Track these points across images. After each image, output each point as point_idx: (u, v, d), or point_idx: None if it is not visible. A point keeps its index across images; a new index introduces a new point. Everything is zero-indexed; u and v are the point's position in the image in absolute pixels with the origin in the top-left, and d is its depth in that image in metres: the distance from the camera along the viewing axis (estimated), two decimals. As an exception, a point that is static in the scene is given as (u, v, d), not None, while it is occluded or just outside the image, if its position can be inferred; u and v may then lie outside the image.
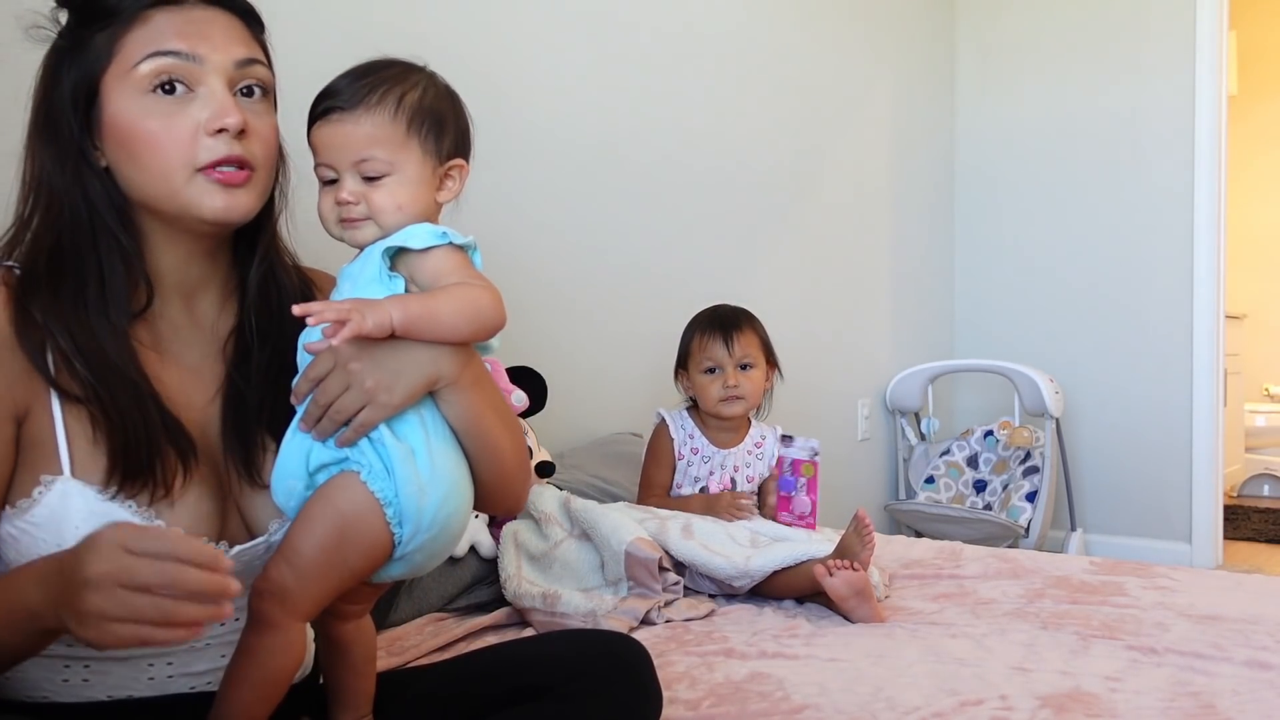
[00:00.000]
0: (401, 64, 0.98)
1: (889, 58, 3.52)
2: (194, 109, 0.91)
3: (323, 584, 0.90)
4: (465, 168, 1.00)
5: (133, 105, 0.90)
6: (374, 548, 0.91)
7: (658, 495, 1.96)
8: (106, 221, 0.92)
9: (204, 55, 0.91)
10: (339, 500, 0.90)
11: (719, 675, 1.34)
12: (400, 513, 0.90)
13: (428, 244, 0.92)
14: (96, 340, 0.89)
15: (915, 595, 1.74)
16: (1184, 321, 3.46)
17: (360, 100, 0.94)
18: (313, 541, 0.89)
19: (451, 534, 0.96)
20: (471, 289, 0.92)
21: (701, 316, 2.05)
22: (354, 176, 0.94)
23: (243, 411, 0.98)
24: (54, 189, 0.92)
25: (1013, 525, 3.14)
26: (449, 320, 0.90)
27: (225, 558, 0.75)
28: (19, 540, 0.87)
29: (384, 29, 1.89)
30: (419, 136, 0.95)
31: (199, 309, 1.00)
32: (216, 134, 0.90)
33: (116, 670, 0.93)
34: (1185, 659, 1.37)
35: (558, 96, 2.27)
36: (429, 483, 0.91)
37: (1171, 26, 3.45)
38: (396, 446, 0.90)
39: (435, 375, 0.92)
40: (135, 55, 0.90)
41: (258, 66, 0.96)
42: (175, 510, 0.90)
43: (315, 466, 0.91)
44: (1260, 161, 5.38)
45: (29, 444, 0.88)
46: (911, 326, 3.67)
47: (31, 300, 0.88)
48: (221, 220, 0.93)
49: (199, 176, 0.91)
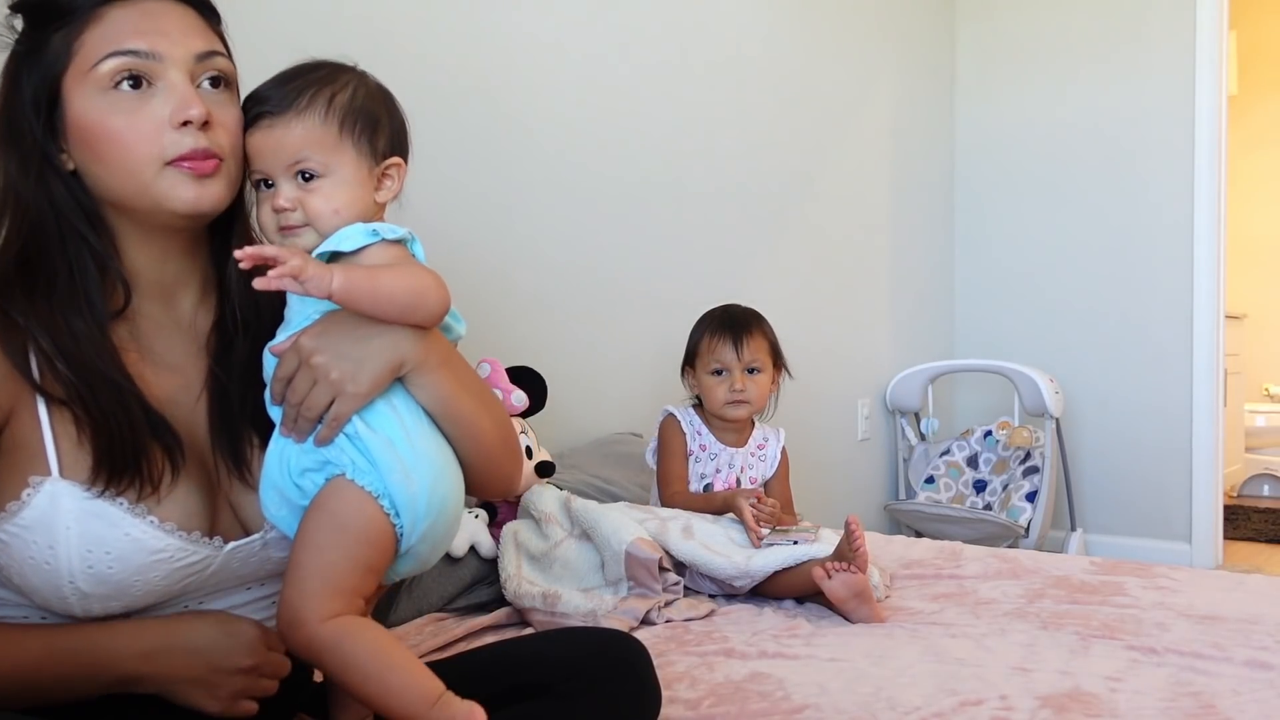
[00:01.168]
0: (330, 65, 0.97)
1: (889, 58, 3.52)
2: (156, 104, 0.90)
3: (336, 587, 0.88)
4: (403, 166, 0.99)
5: (95, 104, 0.90)
6: (379, 538, 0.91)
7: (680, 488, 1.94)
8: (75, 225, 0.92)
9: (163, 51, 0.90)
10: (333, 505, 0.90)
11: (719, 675, 1.34)
12: (394, 503, 0.90)
13: (359, 244, 0.92)
14: (76, 340, 0.89)
15: (915, 595, 1.74)
16: (1184, 321, 3.46)
17: (290, 104, 0.93)
18: (317, 553, 0.89)
19: (449, 519, 0.96)
20: (414, 268, 0.93)
21: (712, 316, 2.03)
22: (289, 182, 0.93)
23: (228, 407, 0.98)
24: (20, 195, 0.91)
25: (1013, 525, 3.14)
26: (388, 292, 0.89)
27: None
28: (9, 545, 0.86)
29: (381, 35, 1.89)
30: (352, 137, 0.94)
31: (179, 307, 1.00)
32: (182, 127, 0.90)
33: None
34: (1185, 659, 1.37)
35: (557, 97, 2.27)
36: (413, 468, 0.91)
37: (1171, 26, 3.45)
38: (373, 438, 0.90)
39: (399, 359, 0.92)
40: (94, 55, 0.89)
41: (217, 58, 0.95)
42: (164, 506, 0.90)
43: (298, 472, 0.91)
44: (1260, 161, 5.37)
45: (15, 447, 0.87)
46: (911, 326, 3.67)
47: (9, 304, 0.88)
48: (193, 211, 0.92)
49: (168, 169, 0.90)
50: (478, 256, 2.06)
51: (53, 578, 0.86)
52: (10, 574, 0.88)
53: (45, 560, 0.86)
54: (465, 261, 1.97)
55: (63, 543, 0.85)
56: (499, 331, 2.01)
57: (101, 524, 0.86)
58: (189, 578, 0.92)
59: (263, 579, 1.00)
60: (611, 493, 2.03)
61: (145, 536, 0.88)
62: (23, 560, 0.86)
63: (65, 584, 0.86)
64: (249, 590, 0.99)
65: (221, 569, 0.94)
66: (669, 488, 1.95)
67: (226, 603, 0.98)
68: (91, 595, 0.87)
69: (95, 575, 0.86)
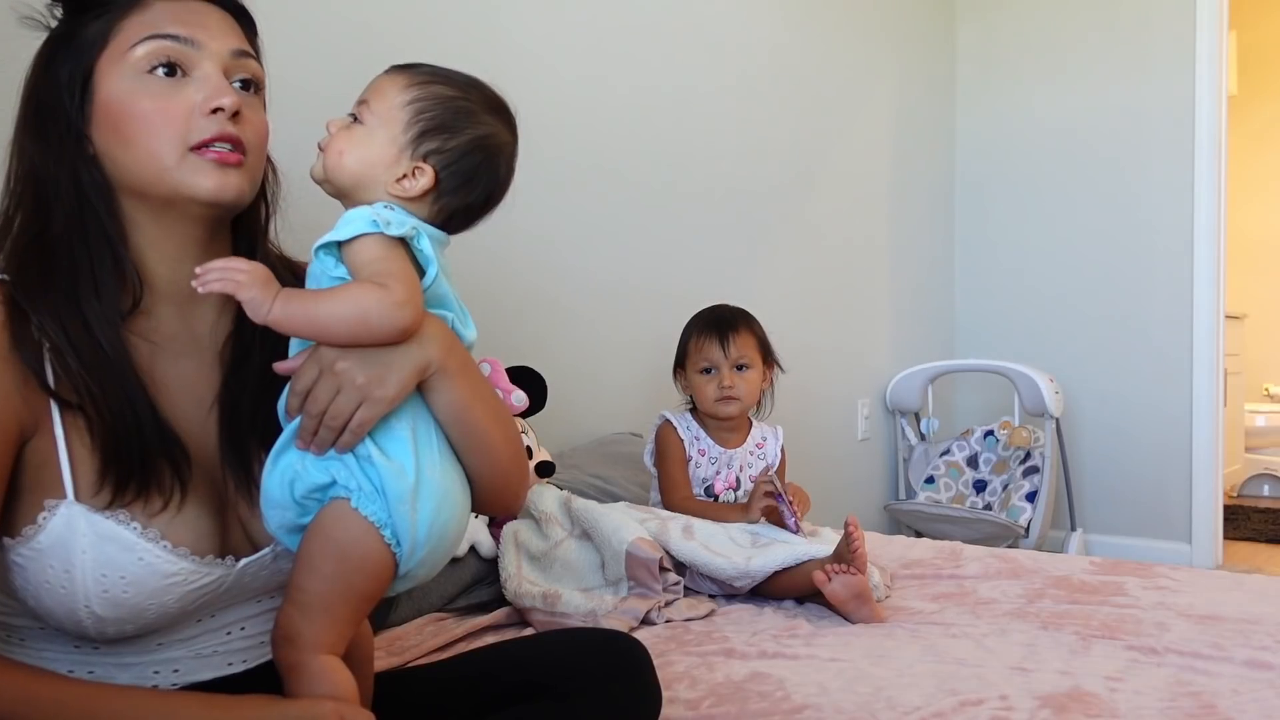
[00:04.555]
0: (472, 82, 0.99)
1: (889, 58, 3.52)
2: (189, 90, 0.90)
3: (334, 616, 0.88)
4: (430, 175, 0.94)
5: (127, 86, 0.90)
6: (378, 569, 0.90)
7: (685, 494, 1.95)
8: (96, 210, 0.91)
9: (201, 41, 0.91)
10: (336, 533, 0.89)
11: (719, 675, 1.34)
12: (396, 533, 0.89)
13: (353, 234, 0.89)
14: (91, 333, 0.88)
15: (915, 595, 1.74)
16: (1184, 321, 3.46)
17: (410, 70, 0.97)
18: (317, 579, 0.88)
19: (448, 544, 0.95)
20: (361, 290, 0.87)
21: (699, 317, 2.05)
22: (342, 120, 0.96)
23: (238, 423, 0.96)
24: (44, 179, 0.91)
25: (1013, 525, 3.14)
26: (325, 322, 0.87)
27: None
28: (26, 568, 0.85)
29: (387, 32, 1.89)
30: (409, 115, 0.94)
31: (195, 315, 0.98)
32: (212, 114, 0.90)
33: (120, 677, 0.92)
34: (1185, 659, 1.37)
35: (558, 99, 2.27)
36: (420, 497, 0.89)
37: (1171, 26, 3.45)
38: (387, 465, 0.88)
39: (425, 361, 0.90)
40: (132, 38, 0.90)
41: (251, 61, 0.96)
42: (175, 529, 0.89)
43: (301, 494, 0.90)
44: (1260, 161, 5.38)
45: (34, 467, 0.86)
46: (911, 326, 3.67)
47: (25, 299, 0.87)
48: (214, 200, 0.91)
49: (191, 155, 0.90)
50: (477, 256, 2.05)
51: (68, 601, 0.85)
52: (26, 597, 0.87)
53: (61, 584, 0.85)
54: (465, 261, 1.96)
55: (78, 566, 0.84)
56: (499, 331, 2.01)
57: (115, 548, 0.86)
58: (202, 597, 0.92)
59: (272, 591, 0.99)
60: (611, 493, 2.03)
61: (159, 561, 0.87)
62: (39, 584, 0.85)
63: (81, 608, 0.85)
64: (259, 602, 0.99)
65: (234, 585, 0.94)
66: (674, 494, 1.95)
67: (236, 615, 0.97)
68: (106, 619, 0.87)
69: (110, 599, 0.86)
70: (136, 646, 0.92)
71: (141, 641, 0.92)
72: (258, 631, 1.00)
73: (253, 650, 0.99)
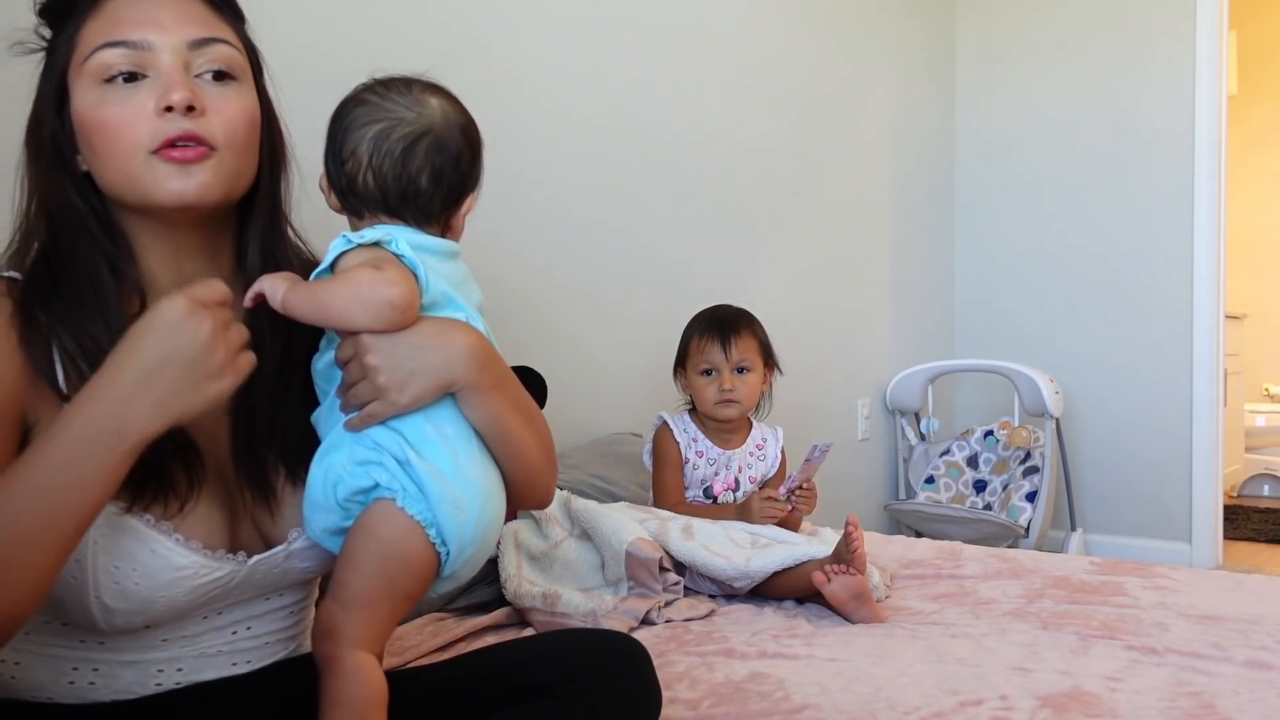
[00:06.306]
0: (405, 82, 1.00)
1: (889, 58, 3.52)
2: (144, 93, 0.89)
3: (374, 613, 0.90)
4: (323, 186, 1.00)
5: (92, 98, 0.89)
6: (423, 569, 0.92)
7: (677, 499, 1.95)
8: (89, 227, 0.91)
9: (151, 40, 0.89)
10: (381, 530, 0.90)
11: (719, 675, 1.34)
12: (442, 533, 0.91)
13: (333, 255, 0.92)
14: (97, 342, 0.88)
15: (915, 595, 1.74)
16: (1184, 321, 3.46)
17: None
18: (361, 575, 0.90)
19: (491, 542, 0.97)
20: (356, 271, 0.90)
21: (701, 317, 2.05)
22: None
23: (252, 429, 0.97)
24: (41, 196, 0.92)
25: (1013, 525, 3.14)
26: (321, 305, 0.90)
27: None
28: None
29: (398, 23, 1.89)
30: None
31: None
32: (165, 113, 0.88)
33: (124, 674, 0.93)
34: (1185, 659, 1.37)
35: (558, 99, 2.27)
36: (464, 498, 0.91)
37: (1171, 27, 3.45)
38: (425, 468, 0.90)
39: (449, 380, 0.92)
40: (89, 47, 0.89)
41: (219, 46, 0.92)
42: (188, 523, 0.90)
43: (345, 496, 0.91)
44: (1260, 161, 5.38)
45: None
46: (911, 326, 3.67)
47: (35, 304, 0.88)
48: (178, 203, 0.89)
49: (153, 160, 0.88)
50: (476, 256, 2.04)
51: (78, 592, 0.86)
52: None
53: (72, 575, 0.85)
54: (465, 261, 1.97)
55: (90, 557, 0.85)
56: (499, 331, 2.00)
57: (129, 539, 0.86)
58: (212, 592, 0.92)
59: (283, 589, 1.00)
60: (611, 493, 2.03)
61: (170, 554, 0.88)
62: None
63: (91, 598, 0.86)
64: (267, 600, 1.00)
65: (244, 581, 0.94)
66: (665, 500, 1.96)
67: (243, 614, 0.98)
68: (115, 610, 0.87)
69: (120, 590, 0.86)
70: (141, 643, 0.93)
71: (146, 638, 0.92)
72: (264, 631, 1.00)
73: (257, 650, 1.00)
